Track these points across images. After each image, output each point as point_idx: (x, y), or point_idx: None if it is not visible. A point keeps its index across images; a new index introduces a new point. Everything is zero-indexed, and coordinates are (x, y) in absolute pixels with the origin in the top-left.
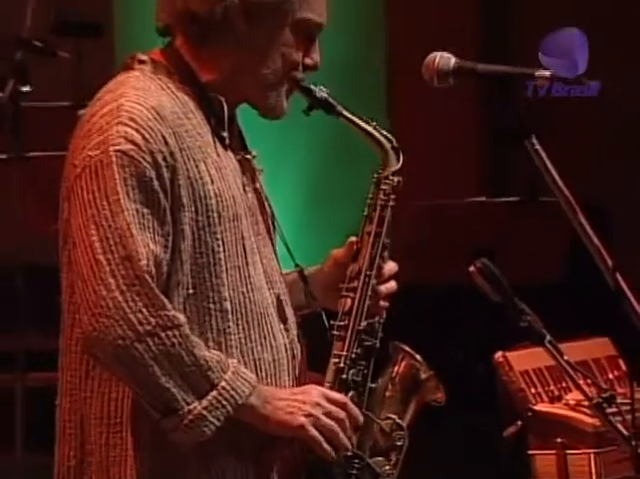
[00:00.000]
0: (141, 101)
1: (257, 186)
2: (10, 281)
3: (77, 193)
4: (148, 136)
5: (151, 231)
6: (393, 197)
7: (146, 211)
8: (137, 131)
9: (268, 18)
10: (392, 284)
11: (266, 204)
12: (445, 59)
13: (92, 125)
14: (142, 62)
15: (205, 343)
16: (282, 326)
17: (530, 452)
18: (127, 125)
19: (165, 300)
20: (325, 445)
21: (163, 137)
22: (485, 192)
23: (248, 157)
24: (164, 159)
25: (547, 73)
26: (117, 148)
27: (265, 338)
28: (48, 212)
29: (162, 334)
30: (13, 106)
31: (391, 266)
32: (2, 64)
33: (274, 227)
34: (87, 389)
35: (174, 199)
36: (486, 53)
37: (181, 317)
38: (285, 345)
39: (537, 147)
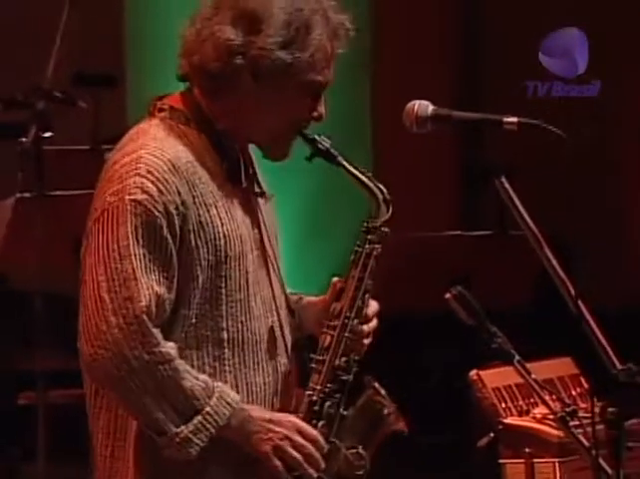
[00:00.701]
0: (157, 153)
1: (263, 221)
2: (31, 307)
3: (93, 233)
4: (162, 187)
5: (156, 274)
6: (379, 246)
7: (153, 256)
8: (152, 183)
9: (275, 79)
10: (372, 324)
11: (269, 237)
12: (423, 106)
13: (113, 172)
14: (162, 110)
15: (202, 367)
16: (273, 353)
17: (501, 461)
18: (144, 176)
19: (160, 338)
20: (283, 475)
21: (177, 188)
22: (460, 226)
23: (259, 196)
24: (176, 208)
25: (514, 119)
26: (132, 197)
27: (258, 364)
28: (66, 244)
29: (154, 369)
30: (36, 150)
31: (373, 308)
32: (26, 112)
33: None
34: (96, 406)
35: (184, 243)
36: (461, 101)
37: (173, 352)
38: (273, 370)
39: (506, 185)
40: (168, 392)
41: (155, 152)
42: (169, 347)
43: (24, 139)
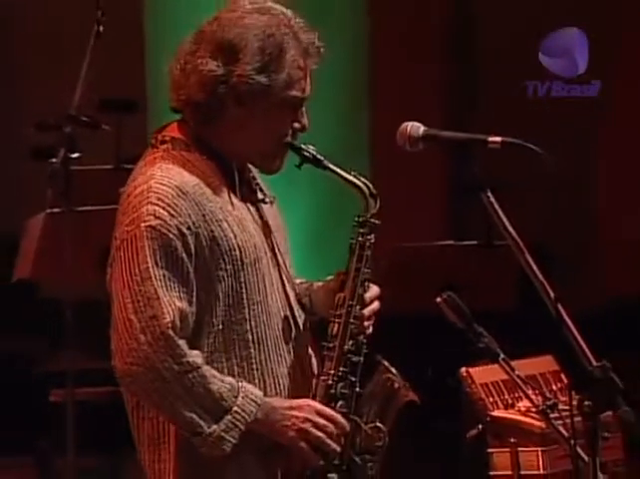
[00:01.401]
0: (165, 181)
1: (270, 224)
2: (61, 313)
3: (116, 261)
4: (173, 212)
5: (176, 290)
6: (371, 236)
7: (171, 274)
8: (163, 208)
9: (257, 101)
10: (374, 306)
11: (279, 237)
12: (415, 127)
13: (128, 203)
14: (163, 142)
15: (231, 368)
16: (290, 342)
17: (489, 450)
18: (155, 204)
19: (186, 348)
20: (312, 455)
21: (187, 210)
22: (450, 236)
23: (263, 202)
24: (188, 228)
25: (498, 139)
26: (147, 224)
27: (280, 356)
28: (92, 255)
29: (184, 377)
30: (64, 169)
31: (373, 292)
32: (56, 136)
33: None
34: (139, 416)
35: (200, 258)
36: (451, 121)
37: (199, 360)
38: (293, 359)
39: (491, 199)
40: (199, 397)
41: (162, 180)
42: (195, 356)
43: (54, 159)
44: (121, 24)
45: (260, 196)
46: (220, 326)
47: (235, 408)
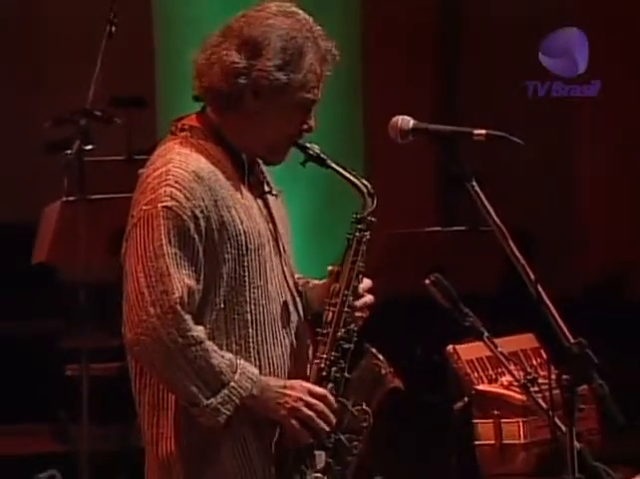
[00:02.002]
0: (183, 166)
1: (275, 215)
2: (76, 294)
3: (132, 237)
4: (188, 195)
5: (186, 268)
6: (368, 233)
7: (183, 253)
8: (179, 191)
9: (273, 96)
10: (367, 298)
11: (282, 228)
12: (405, 121)
13: (146, 184)
14: (183, 129)
15: (230, 346)
16: (287, 326)
17: (474, 421)
18: (172, 186)
19: (191, 323)
20: (303, 432)
21: (201, 194)
22: (439, 223)
23: (269, 194)
24: (202, 211)
25: (483, 131)
26: (163, 204)
27: (276, 339)
28: (105, 240)
29: (187, 350)
30: (79, 160)
31: (365, 284)
32: (71, 129)
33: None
34: (141, 383)
35: (209, 241)
36: (438, 115)
37: (202, 335)
38: (289, 343)
39: (476, 188)
40: (200, 369)
41: (180, 165)
42: (200, 331)
43: (69, 151)
44: (132, 26)
45: (267, 188)
46: (222, 306)
47: (232, 383)
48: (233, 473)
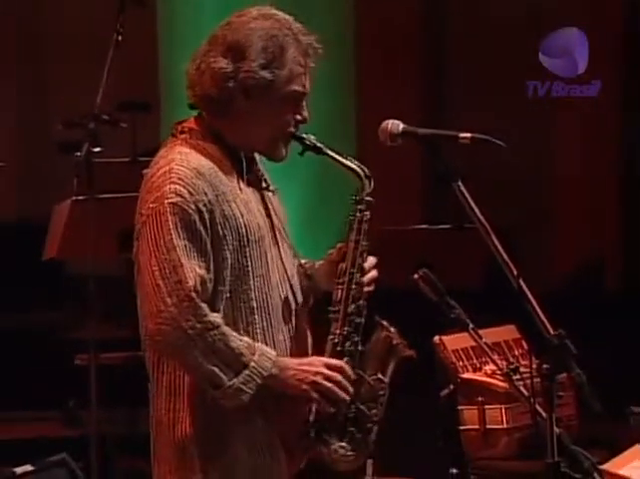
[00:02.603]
0: (185, 164)
1: (273, 210)
2: (85, 287)
3: (143, 234)
4: (192, 190)
5: (196, 259)
6: (368, 212)
7: (192, 245)
8: (183, 187)
9: (262, 94)
10: (373, 274)
11: (279, 222)
12: (395, 125)
13: (152, 183)
14: (183, 132)
15: (238, 332)
16: (288, 313)
17: (459, 408)
18: (176, 183)
19: (207, 310)
20: (324, 403)
21: (203, 189)
22: (426, 221)
23: (266, 190)
24: (205, 205)
25: (468, 135)
26: (169, 201)
27: (279, 324)
28: (112, 236)
29: (206, 334)
30: (88, 161)
31: (370, 261)
32: (80, 132)
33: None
34: (159, 371)
35: (214, 233)
36: (428, 120)
37: (219, 320)
38: (288, 330)
39: (462, 188)
40: (220, 352)
41: (182, 163)
42: (216, 317)
43: (78, 153)
44: (137, 36)
45: (264, 185)
46: (228, 294)
47: (253, 364)
48: (244, 456)
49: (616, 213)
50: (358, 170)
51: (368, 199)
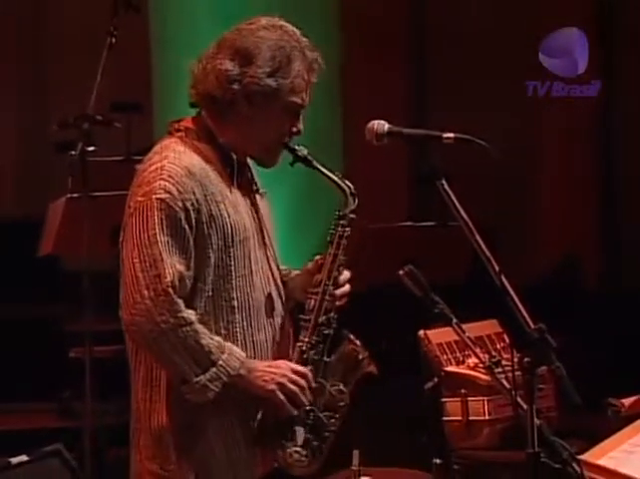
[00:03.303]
0: (176, 162)
1: (261, 213)
2: (80, 282)
3: (129, 226)
4: (181, 188)
5: (177, 255)
6: (348, 229)
7: (174, 242)
8: (173, 185)
9: (264, 102)
10: (346, 288)
11: (267, 224)
12: (381, 125)
13: (143, 178)
14: (178, 130)
15: (218, 330)
16: (271, 315)
17: (443, 400)
18: (166, 180)
19: (182, 306)
20: (288, 405)
21: (192, 188)
22: (412, 218)
23: (256, 193)
24: (192, 204)
25: (451, 135)
26: (158, 196)
27: (261, 324)
28: (105, 233)
29: (179, 330)
30: (82, 161)
31: (345, 276)
32: (75, 132)
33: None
34: (136, 361)
35: (199, 232)
36: (412, 119)
37: (193, 317)
38: (272, 329)
39: (446, 187)
40: (190, 348)
41: (174, 161)
42: (190, 313)
43: (73, 152)
44: (130, 37)
45: (254, 188)
46: (210, 293)
47: (221, 362)
48: (218, 447)
49: (595, 211)
50: (344, 186)
51: (351, 215)
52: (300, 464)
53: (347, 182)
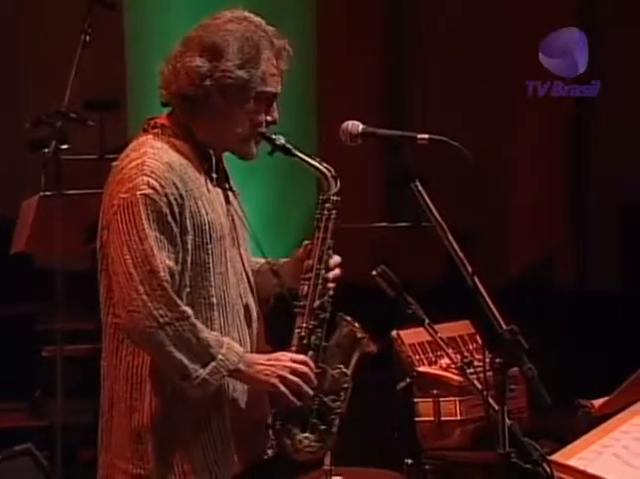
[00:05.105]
0: (157, 158)
1: (234, 211)
2: (52, 281)
3: (114, 224)
4: (163, 183)
5: (166, 250)
6: (334, 211)
7: (163, 236)
8: (155, 180)
9: (238, 94)
10: (336, 272)
11: (240, 223)
12: (354, 125)
13: (123, 175)
14: (154, 127)
15: None
16: (245, 311)
17: (415, 400)
18: (149, 176)
19: (179, 300)
20: (291, 397)
21: (174, 183)
22: (385, 219)
23: (230, 191)
24: (175, 199)
25: (425, 136)
26: (142, 192)
27: (235, 322)
28: (79, 232)
29: (177, 324)
30: (56, 158)
31: (335, 259)
32: (48, 130)
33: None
34: (116, 358)
35: (182, 226)
36: (387, 119)
37: (189, 311)
38: (247, 324)
39: (420, 188)
40: (189, 343)
41: (154, 157)
42: (187, 308)
43: (47, 150)
44: (104, 35)
45: (228, 186)
46: (189, 289)
47: (220, 356)
48: (198, 450)
49: (567, 212)
50: (325, 170)
51: (334, 198)
52: (310, 449)
53: (327, 165)
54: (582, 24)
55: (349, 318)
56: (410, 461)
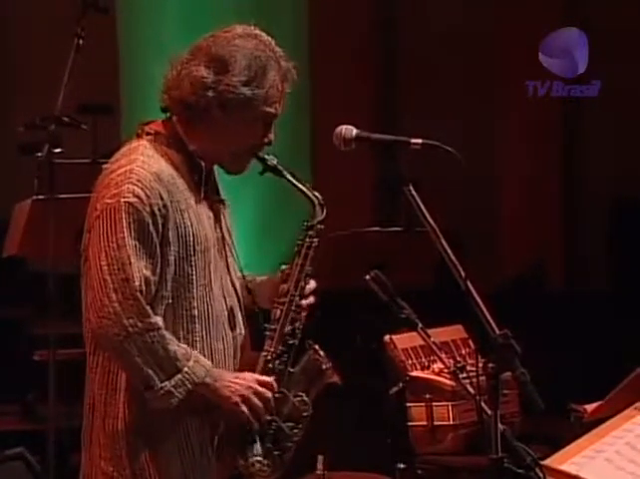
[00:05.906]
0: (145, 167)
1: (223, 223)
2: (45, 284)
3: (95, 228)
4: (149, 193)
5: (144, 260)
6: (316, 240)
7: (142, 246)
8: (141, 189)
9: (238, 110)
10: (311, 299)
11: (228, 235)
12: (348, 130)
13: (110, 180)
14: (148, 134)
15: (178, 339)
16: (231, 326)
17: (408, 404)
18: (135, 184)
19: (150, 311)
20: (250, 417)
21: (160, 194)
22: (378, 224)
23: (219, 203)
24: (159, 209)
25: (419, 140)
26: (126, 200)
27: (219, 334)
28: (71, 236)
29: (146, 335)
30: (49, 162)
31: (311, 285)
32: (41, 134)
33: (234, 251)
34: (94, 363)
35: (164, 237)
36: (380, 125)
37: (160, 322)
38: (232, 338)
39: (413, 192)
40: (156, 354)
41: (143, 165)
42: (158, 319)
43: (40, 154)
44: (98, 39)
45: (218, 198)
46: (170, 301)
47: (186, 369)
48: (173, 453)
49: (559, 216)
50: (312, 197)
51: (318, 226)
52: (262, 474)
53: (316, 193)
54: (574, 22)
55: (316, 347)
56: (402, 466)
